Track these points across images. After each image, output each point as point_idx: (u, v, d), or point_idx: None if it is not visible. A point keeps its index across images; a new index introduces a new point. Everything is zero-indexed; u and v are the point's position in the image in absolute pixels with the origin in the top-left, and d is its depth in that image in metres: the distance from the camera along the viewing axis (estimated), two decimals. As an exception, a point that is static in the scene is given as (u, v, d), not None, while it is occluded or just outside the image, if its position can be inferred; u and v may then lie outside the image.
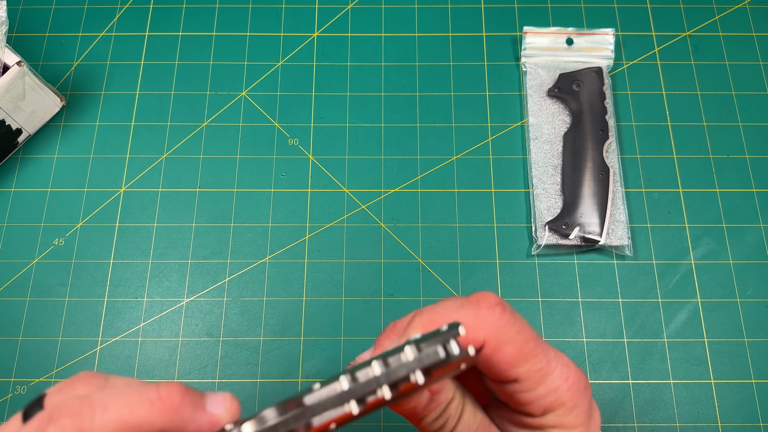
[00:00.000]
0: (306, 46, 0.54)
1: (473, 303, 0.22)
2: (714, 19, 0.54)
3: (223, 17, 0.55)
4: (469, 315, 0.21)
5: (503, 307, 0.21)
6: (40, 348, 0.45)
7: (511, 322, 0.21)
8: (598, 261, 0.47)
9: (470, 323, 0.21)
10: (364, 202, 0.49)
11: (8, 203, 0.49)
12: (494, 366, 0.21)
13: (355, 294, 0.46)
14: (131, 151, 0.50)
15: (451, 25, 0.55)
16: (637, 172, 0.49)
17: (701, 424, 0.42)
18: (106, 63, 0.53)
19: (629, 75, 0.52)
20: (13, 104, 0.47)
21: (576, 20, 0.54)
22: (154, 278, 0.47)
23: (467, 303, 0.22)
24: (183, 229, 0.48)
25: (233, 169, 0.50)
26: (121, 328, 0.45)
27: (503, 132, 0.51)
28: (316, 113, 0.51)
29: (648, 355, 0.44)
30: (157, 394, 0.20)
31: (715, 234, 0.47)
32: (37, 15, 0.55)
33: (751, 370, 0.43)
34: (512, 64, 0.53)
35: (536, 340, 0.22)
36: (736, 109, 0.51)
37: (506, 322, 0.21)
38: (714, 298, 0.45)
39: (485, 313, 0.21)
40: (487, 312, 0.21)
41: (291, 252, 0.47)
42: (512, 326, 0.21)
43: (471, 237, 0.47)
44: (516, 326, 0.21)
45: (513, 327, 0.21)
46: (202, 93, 0.52)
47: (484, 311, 0.21)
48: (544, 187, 0.48)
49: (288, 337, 0.45)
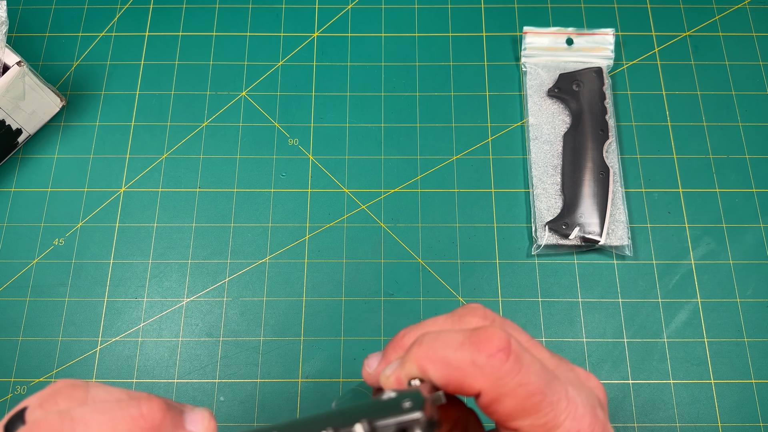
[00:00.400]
0: (306, 46, 0.54)
1: (474, 344, 0.19)
2: (714, 19, 0.54)
3: (223, 17, 0.55)
4: (466, 359, 0.19)
5: (507, 354, 0.19)
6: (40, 348, 0.45)
7: (514, 372, 0.19)
8: (598, 261, 0.47)
9: (466, 370, 0.19)
10: (364, 202, 0.49)
11: (8, 203, 0.49)
12: (492, 415, 0.20)
13: (355, 294, 0.46)
14: (131, 151, 0.50)
15: (451, 25, 0.55)
16: (637, 172, 0.49)
17: (701, 424, 0.42)
18: (106, 63, 0.53)
19: (629, 75, 0.52)
20: (13, 104, 0.47)
21: (576, 20, 0.54)
22: (154, 278, 0.47)
23: (468, 343, 0.19)
24: (183, 229, 0.48)
25: (233, 169, 0.50)
26: (121, 328, 0.45)
27: (503, 132, 0.51)
28: (316, 113, 0.51)
29: (648, 355, 0.44)
30: (138, 411, 0.20)
31: (715, 234, 0.47)
32: (37, 15, 0.55)
33: (751, 370, 0.44)
34: (512, 64, 0.53)
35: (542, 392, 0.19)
36: (736, 109, 0.51)
37: (508, 372, 0.19)
38: (714, 298, 0.45)
39: (484, 362, 0.19)
40: (486, 360, 0.19)
41: (291, 252, 0.47)
42: (515, 377, 0.19)
43: (471, 237, 0.47)
44: (520, 377, 0.19)
45: (515, 378, 0.19)
46: (202, 93, 0.52)
47: (484, 358, 0.19)
48: (544, 187, 0.48)
49: (288, 337, 0.45)
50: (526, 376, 0.19)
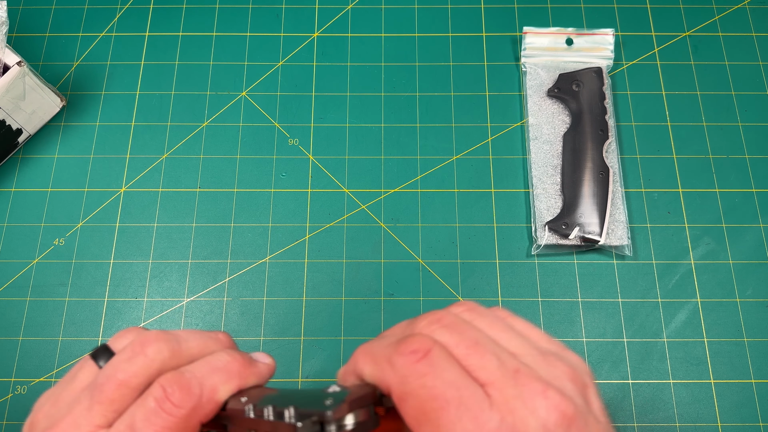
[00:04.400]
0: (306, 46, 0.54)
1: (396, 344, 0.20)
2: (714, 19, 0.54)
3: (223, 17, 0.55)
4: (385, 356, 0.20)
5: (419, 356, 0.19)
6: (40, 348, 0.45)
7: (420, 373, 0.18)
8: (598, 261, 0.47)
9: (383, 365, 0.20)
10: (364, 202, 0.49)
11: (8, 203, 0.49)
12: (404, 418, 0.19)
13: (355, 294, 0.46)
14: (131, 151, 0.50)
15: (451, 25, 0.55)
16: (636, 172, 0.49)
17: (701, 424, 0.42)
18: (106, 63, 0.53)
19: (629, 75, 0.52)
20: (13, 104, 0.47)
21: (576, 20, 0.54)
22: (155, 278, 0.47)
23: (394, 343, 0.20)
24: (183, 229, 0.48)
25: (233, 169, 0.50)
26: (121, 328, 0.45)
27: (503, 132, 0.51)
28: (316, 113, 0.51)
29: (648, 354, 0.44)
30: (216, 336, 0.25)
31: (715, 234, 0.47)
32: (37, 15, 0.55)
33: (751, 370, 0.44)
34: (512, 64, 0.53)
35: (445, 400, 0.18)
36: (736, 109, 0.51)
37: (413, 372, 0.19)
38: (714, 298, 0.46)
39: (395, 359, 0.19)
40: (398, 358, 0.19)
41: (291, 252, 0.47)
42: (419, 378, 0.18)
43: (471, 237, 0.47)
44: (425, 379, 0.18)
45: (420, 379, 0.18)
46: (202, 93, 0.52)
47: (397, 357, 0.19)
48: (544, 187, 0.48)
49: (288, 337, 0.45)
50: (431, 380, 0.18)
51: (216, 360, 0.23)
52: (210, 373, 0.22)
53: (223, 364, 0.23)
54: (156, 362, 0.22)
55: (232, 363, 0.23)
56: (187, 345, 0.23)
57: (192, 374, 0.22)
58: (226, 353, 0.24)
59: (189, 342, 0.23)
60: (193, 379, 0.22)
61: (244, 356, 0.24)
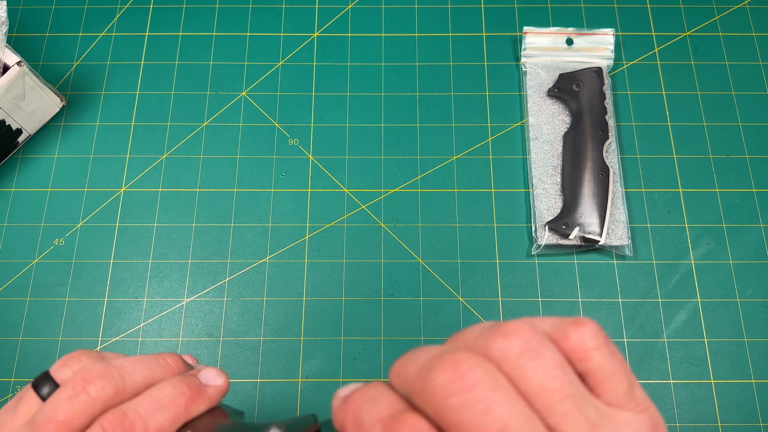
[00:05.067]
0: (306, 46, 0.54)
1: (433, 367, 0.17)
2: (714, 19, 0.54)
3: (223, 17, 0.55)
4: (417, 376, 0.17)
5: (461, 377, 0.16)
6: (40, 348, 0.45)
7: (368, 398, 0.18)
8: (598, 261, 0.47)
9: (412, 384, 0.17)
10: (364, 202, 0.49)
11: (8, 203, 0.49)
12: None
13: (355, 294, 0.46)
14: (131, 151, 0.50)
15: (451, 25, 0.55)
16: (636, 172, 0.49)
17: (701, 424, 0.42)
18: (106, 63, 0.53)
19: (629, 75, 0.52)
20: (13, 104, 0.47)
21: (576, 20, 0.54)
22: (154, 278, 0.47)
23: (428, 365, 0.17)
24: (183, 229, 0.48)
25: (233, 169, 0.50)
26: (121, 328, 0.45)
27: (503, 132, 0.51)
28: (316, 113, 0.51)
29: (648, 355, 0.44)
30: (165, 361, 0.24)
31: (715, 234, 0.47)
32: (37, 15, 0.55)
33: (751, 370, 0.44)
34: (512, 64, 0.53)
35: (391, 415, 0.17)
36: (736, 109, 0.51)
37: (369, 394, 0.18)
38: (714, 298, 0.46)
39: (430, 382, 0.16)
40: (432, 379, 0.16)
41: (291, 252, 0.47)
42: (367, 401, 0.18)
43: (471, 237, 0.47)
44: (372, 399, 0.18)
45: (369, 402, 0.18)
46: (202, 93, 0.52)
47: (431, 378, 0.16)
48: (544, 187, 0.48)
49: (288, 337, 0.45)
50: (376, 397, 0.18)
51: (161, 394, 0.22)
52: (155, 412, 0.22)
53: (169, 399, 0.22)
54: (98, 402, 0.21)
55: (178, 398, 0.22)
56: (132, 379, 0.22)
57: (136, 414, 0.21)
58: (171, 385, 0.23)
59: (134, 375, 0.23)
60: (137, 420, 0.21)
61: (192, 384, 0.23)
